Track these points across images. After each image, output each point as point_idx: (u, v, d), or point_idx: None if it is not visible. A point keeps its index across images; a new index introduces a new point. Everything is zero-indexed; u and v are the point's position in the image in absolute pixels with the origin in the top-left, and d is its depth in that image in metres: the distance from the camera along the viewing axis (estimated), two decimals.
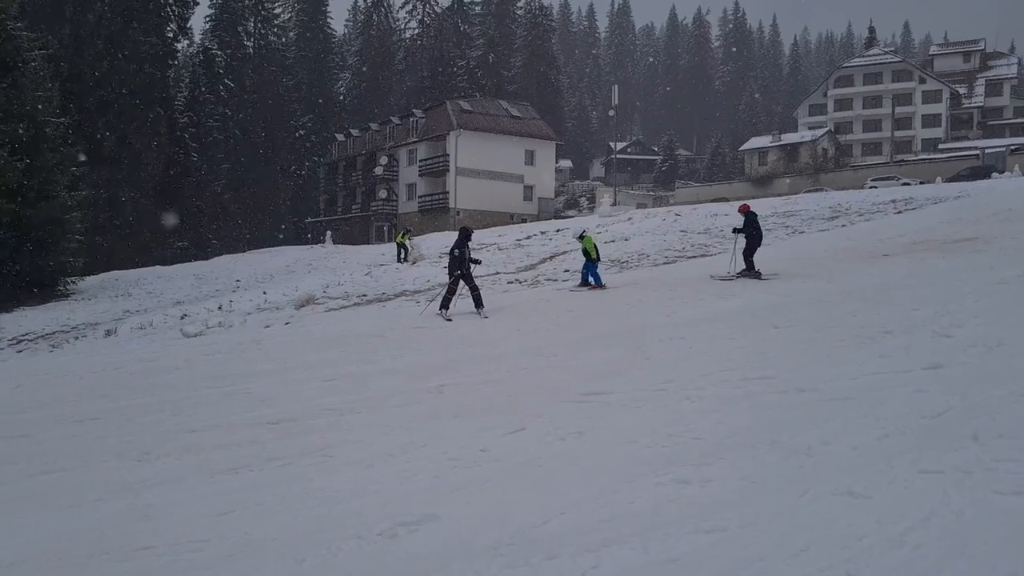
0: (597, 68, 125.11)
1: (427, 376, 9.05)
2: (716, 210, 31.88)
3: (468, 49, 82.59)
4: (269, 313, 19.32)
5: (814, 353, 7.80)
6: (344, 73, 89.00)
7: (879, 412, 5.49)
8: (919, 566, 3.23)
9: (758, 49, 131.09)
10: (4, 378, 12.32)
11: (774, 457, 4.90)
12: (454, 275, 14.71)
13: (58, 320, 25.44)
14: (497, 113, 61.91)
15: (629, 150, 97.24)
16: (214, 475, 5.82)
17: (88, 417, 8.36)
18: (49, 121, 32.67)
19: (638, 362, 8.73)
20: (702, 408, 6.42)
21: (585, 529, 4.10)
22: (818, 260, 15.97)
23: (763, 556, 3.51)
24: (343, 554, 4.13)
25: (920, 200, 26.42)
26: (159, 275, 37.66)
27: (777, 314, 10.37)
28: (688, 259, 20.60)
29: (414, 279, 23.11)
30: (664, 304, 12.95)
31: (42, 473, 6.24)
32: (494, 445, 6.04)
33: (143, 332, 19.21)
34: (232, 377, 10.12)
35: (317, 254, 39.88)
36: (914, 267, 13.04)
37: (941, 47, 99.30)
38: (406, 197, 63.35)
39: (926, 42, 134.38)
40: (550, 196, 62.78)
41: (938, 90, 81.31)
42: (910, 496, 3.96)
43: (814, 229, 23.11)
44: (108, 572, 4.16)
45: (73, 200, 34.07)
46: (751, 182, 67.45)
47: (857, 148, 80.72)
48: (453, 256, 14.78)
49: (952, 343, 7.28)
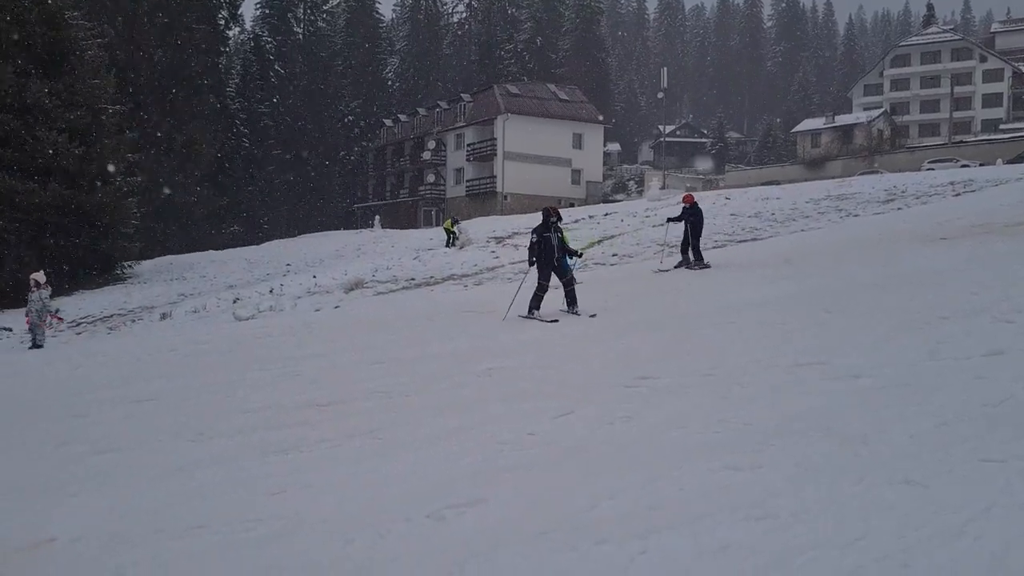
0: (646, 50, 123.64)
1: (476, 360, 9.07)
2: (767, 193, 31.38)
3: (516, 32, 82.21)
4: (319, 297, 19.55)
5: (868, 339, 7.63)
6: (392, 58, 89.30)
7: (937, 399, 5.36)
8: (979, 557, 3.13)
9: (811, 29, 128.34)
10: (64, 360, 12.66)
11: (827, 444, 4.80)
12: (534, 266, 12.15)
13: (115, 303, 26.09)
14: (545, 96, 61.63)
15: (678, 133, 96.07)
16: (265, 456, 5.90)
17: (144, 398, 8.55)
18: (105, 109, 33.38)
19: (687, 347, 8.64)
20: (752, 394, 6.33)
21: (633, 515, 4.06)
22: (873, 244, 15.63)
23: (816, 544, 3.44)
24: (391, 535, 4.15)
25: (980, 182, 25.69)
26: (212, 259, 38.36)
27: (830, 299, 10.17)
28: (738, 243, 20.32)
29: (462, 263, 23.19)
30: (713, 288, 12.79)
31: (99, 453, 6.39)
32: (542, 429, 6.02)
33: (197, 315, 19.60)
34: (283, 360, 10.25)
35: (366, 238, 40.23)
36: (973, 251, 12.68)
37: (1003, 24, 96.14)
38: (454, 181, 63.53)
39: (987, 19, 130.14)
40: (598, 180, 62.44)
41: (1000, 68, 78.81)
42: (970, 486, 3.85)
43: (869, 212, 22.62)
44: (163, 549, 4.24)
45: (128, 186, 34.80)
46: (803, 165, 66.31)
47: (914, 129, 78.74)
48: (532, 244, 12.30)
49: (1013, 329, 7.07)
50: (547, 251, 12.03)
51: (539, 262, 12.08)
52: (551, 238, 12.05)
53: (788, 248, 17.12)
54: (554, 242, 12.07)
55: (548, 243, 12.03)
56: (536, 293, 11.98)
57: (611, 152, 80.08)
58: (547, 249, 12.04)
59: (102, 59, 35.18)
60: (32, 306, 16.38)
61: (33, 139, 29.41)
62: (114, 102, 34.96)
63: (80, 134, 31.28)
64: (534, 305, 11.91)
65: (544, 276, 12.11)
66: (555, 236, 12.09)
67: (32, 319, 16.32)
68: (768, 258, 15.86)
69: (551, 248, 12.05)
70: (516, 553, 3.77)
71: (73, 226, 31.53)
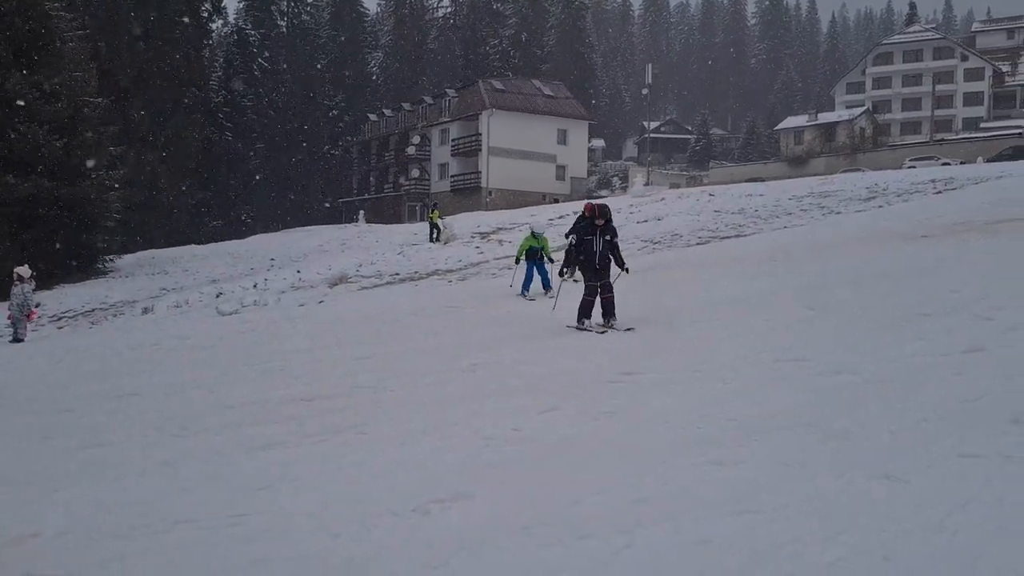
0: (631, 46, 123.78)
1: (460, 355, 9.08)
2: (751, 190, 31.54)
3: (501, 28, 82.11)
4: (303, 291, 19.51)
5: (851, 335, 7.70)
6: (377, 53, 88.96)
7: (918, 396, 5.42)
8: (958, 552, 3.18)
9: (795, 27, 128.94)
10: (46, 354, 12.57)
11: (810, 440, 4.85)
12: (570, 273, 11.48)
13: (97, 297, 25.91)
14: (530, 92, 61.65)
15: (663, 129, 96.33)
16: (251, 451, 5.90)
17: (128, 393, 8.51)
18: (87, 101, 33.09)
19: (671, 343, 8.69)
20: (736, 390, 6.38)
21: (618, 509, 4.09)
22: (855, 241, 15.75)
23: (798, 539, 3.48)
24: (377, 530, 4.17)
25: (961, 180, 25.92)
26: (195, 254, 38.16)
27: (813, 295, 10.25)
28: (722, 239, 20.42)
29: (446, 259, 23.19)
30: (697, 285, 12.86)
31: (83, 447, 6.36)
32: (527, 424, 6.05)
33: (179, 310, 19.51)
34: (267, 354, 10.23)
35: (350, 233, 40.14)
36: (954, 248, 12.80)
37: (984, 23, 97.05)
38: (438, 177, 63.45)
39: (968, 18, 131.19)
40: (583, 176, 62.53)
41: (981, 68, 79.51)
42: (950, 481, 3.91)
43: (851, 210, 22.77)
44: (149, 544, 4.24)
45: (111, 179, 34.55)
46: (786, 162, 66.67)
47: (896, 127, 79.30)
48: (569, 247, 11.32)
49: (993, 326, 7.15)
50: (588, 255, 10.74)
51: (581, 266, 10.96)
52: (593, 242, 10.69)
53: (772, 245, 17.22)
54: (597, 247, 10.68)
55: (589, 247, 10.71)
56: (585, 298, 10.71)
57: (596, 148, 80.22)
58: (588, 253, 10.75)
59: (84, 51, 34.88)
60: (14, 300, 16.24)
61: (14, 132, 29.13)
62: (96, 95, 34.67)
63: (61, 127, 31.01)
64: (584, 313, 10.67)
65: (590, 280, 10.77)
66: (600, 240, 10.67)
67: (13, 313, 16.18)
68: (752, 255, 15.95)
69: (594, 254, 10.69)
70: (501, 548, 3.80)
71: (54, 220, 31.29)
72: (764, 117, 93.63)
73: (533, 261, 14.40)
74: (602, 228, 10.80)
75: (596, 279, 10.64)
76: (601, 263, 10.70)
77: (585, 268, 10.86)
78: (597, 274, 10.66)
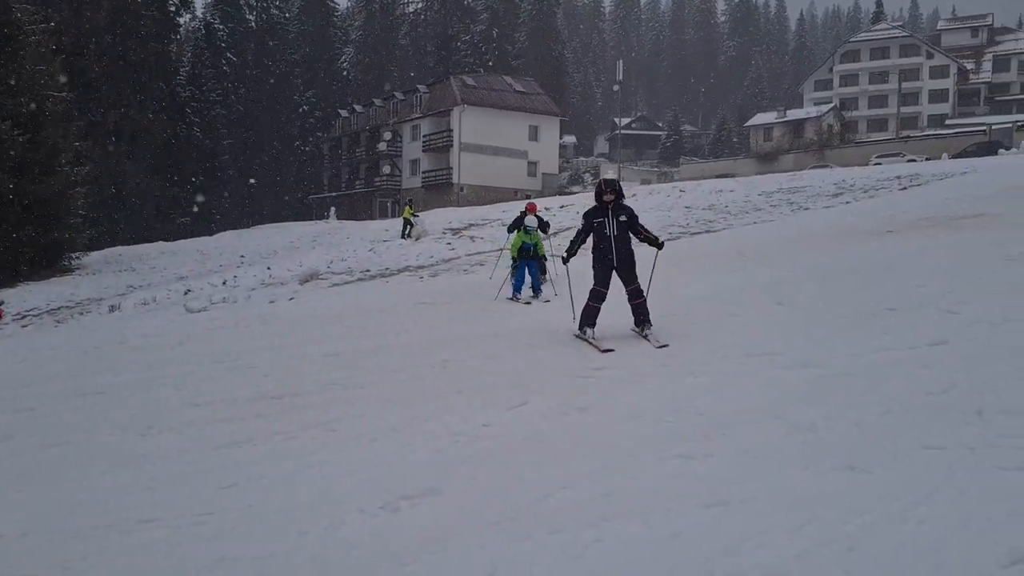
0: (602, 43, 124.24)
1: (430, 351, 9.05)
2: (721, 186, 31.75)
3: (472, 23, 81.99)
4: (273, 288, 19.33)
5: (818, 329, 7.77)
6: (347, 48, 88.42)
7: (883, 388, 5.48)
8: (922, 542, 3.22)
9: (764, 24, 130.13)
10: (9, 353, 12.36)
11: (777, 433, 4.89)
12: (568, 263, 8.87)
13: (62, 295, 25.49)
14: (501, 88, 61.61)
15: (633, 126, 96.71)
16: (217, 449, 5.84)
17: (92, 391, 8.39)
18: (51, 96, 32.58)
19: (642, 339, 8.71)
20: (705, 384, 6.41)
21: (587, 504, 4.10)
22: (823, 236, 15.90)
23: (765, 531, 3.51)
24: (345, 527, 4.14)
25: (926, 176, 26.26)
26: (162, 251, 37.69)
27: (781, 291, 10.33)
28: (692, 235, 20.53)
29: (417, 255, 23.09)
30: (667, 281, 12.90)
31: (47, 447, 6.27)
32: (497, 420, 6.04)
33: (147, 307, 19.25)
34: (236, 352, 10.13)
35: (321, 230, 39.88)
36: (919, 244, 12.97)
37: (949, 22, 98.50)
38: (410, 173, 63.24)
39: (934, 17, 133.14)
40: (554, 172, 62.62)
41: (945, 65, 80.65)
42: (913, 472, 3.95)
43: (819, 206, 23.00)
44: (112, 544, 4.18)
45: (76, 175, 34.05)
46: (756, 158, 67.24)
47: (863, 124, 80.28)
48: (578, 232, 8.81)
49: (957, 320, 7.24)
50: (601, 245, 8.47)
51: (593, 257, 8.65)
52: (605, 225, 8.40)
53: (741, 240, 17.34)
54: (611, 230, 8.35)
55: (600, 232, 8.45)
56: (588, 303, 8.58)
57: (567, 144, 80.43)
58: (601, 241, 8.47)
59: (48, 44, 34.30)
60: None
61: None
62: (61, 89, 34.12)
63: (25, 122, 30.47)
64: (586, 320, 8.57)
65: (600, 279, 8.55)
66: (613, 221, 8.35)
67: None
68: (722, 250, 16.05)
69: (607, 239, 8.38)
70: (471, 543, 3.79)
71: (18, 216, 30.75)
72: (734, 114, 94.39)
73: (525, 260, 13.09)
74: (614, 207, 8.45)
75: (609, 273, 8.46)
76: (621, 256, 8.38)
77: (598, 264, 8.55)
78: (617, 271, 8.45)
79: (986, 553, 3.02)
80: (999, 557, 2.97)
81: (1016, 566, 2.92)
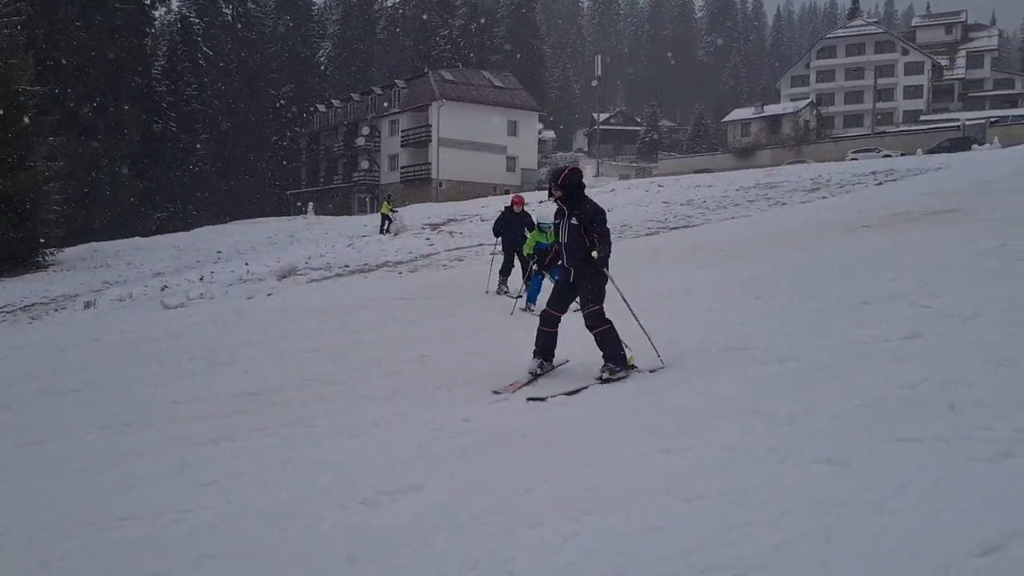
0: (581, 38, 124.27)
1: (410, 347, 9.05)
2: (699, 181, 31.90)
3: (451, 18, 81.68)
4: (251, 284, 19.23)
5: (794, 323, 7.84)
6: (325, 42, 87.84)
7: (858, 382, 5.54)
8: (897, 532, 3.27)
9: (741, 20, 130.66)
10: None
11: (755, 426, 4.94)
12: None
13: (37, 292, 25.22)
14: (480, 83, 61.53)
15: (612, 121, 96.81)
16: (196, 446, 5.80)
17: (69, 389, 8.31)
18: (24, 90, 32.16)
19: (619, 332, 8.74)
20: (683, 378, 6.46)
21: (567, 498, 4.12)
22: (799, 231, 16.04)
23: (743, 523, 3.54)
24: (326, 523, 4.14)
25: (901, 172, 26.56)
26: (138, 246, 37.35)
27: (759, 285, 10.42)
28: (671, 230, 20.63)
29: (396, 250, 23.06)
30: (645, 275, 12.97)
31: (24, 445, 6.21)
32: (477, 415, 6.05)
33: (123, 304, 19.07)
34: (214, 349, 10.07)
35: (299, 225, 39.69)
36: (893, 238, 13.11)
37: (923, 18, 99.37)
38: (388, 168, 63.05)
39: (909, 13, 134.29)
40: (533, 167, 62.64)
41: (920, 62, 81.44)
42: (888, 464, 4.00)
43: (795, 201, 23.19)
44: (91, 542, 4.15)
45: (50, 170, 33.67)
46: (734, 153, 67.53)
47: (839, 120, 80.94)
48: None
49: (931, 313, 7.34)
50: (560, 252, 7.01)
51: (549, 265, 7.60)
52: (560, 226, 6.92)
53: (719, 236, 17.46)
54: (563, 235, 6.84)
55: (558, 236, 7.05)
56: (539, 327, 7.17)
57: (546, 139, 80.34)
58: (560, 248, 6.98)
59: (20, 38, 33.84)
60: None
61: None
62: (33, 83, 33.69)
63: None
64: (538, 349, 7.12)
65: (552, 297, 7.13)
66: (566, 223, 6.80)
67: None
68: (700, 245, 16.15)
69: (561, 247, 6.95)
70: (452, 538, 3.80)
71: None
72: (712, 109, 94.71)
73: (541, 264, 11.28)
74: (568, 204, 6.74)
75: (559, 299, 6.97)
76: (573, 264, 6.79)
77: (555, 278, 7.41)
78: (568, 287, 6.93)
79: (960, 543, 3.07)
80: (972, 547, 3.02)
81: (989, 555, 2.97)
